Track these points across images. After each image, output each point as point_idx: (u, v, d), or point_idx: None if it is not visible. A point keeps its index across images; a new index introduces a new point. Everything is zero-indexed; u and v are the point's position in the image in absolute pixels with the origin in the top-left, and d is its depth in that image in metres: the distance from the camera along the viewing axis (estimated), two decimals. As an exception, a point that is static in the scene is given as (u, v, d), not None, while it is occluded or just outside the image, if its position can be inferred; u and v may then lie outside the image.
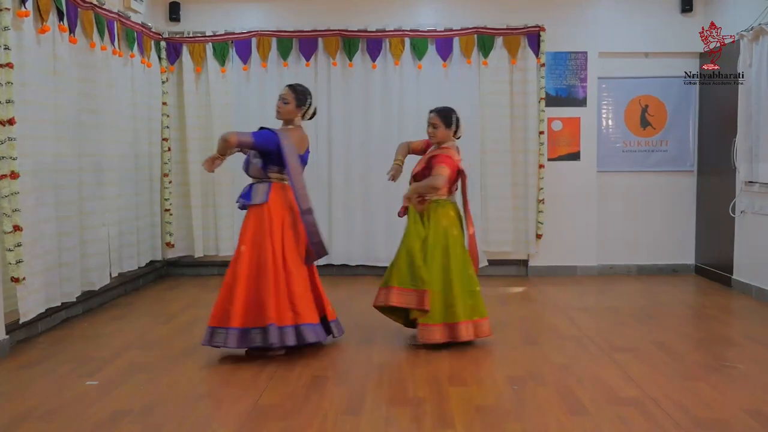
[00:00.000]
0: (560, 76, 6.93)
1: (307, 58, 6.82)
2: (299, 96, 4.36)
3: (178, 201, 7.00)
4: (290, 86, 4.42)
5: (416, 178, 4.47)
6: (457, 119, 4.45)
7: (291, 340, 4.07)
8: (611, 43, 6.91)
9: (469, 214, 4.52)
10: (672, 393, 3.57)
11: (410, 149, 4.74)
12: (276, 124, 4.43)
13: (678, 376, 3.89)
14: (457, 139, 4.55)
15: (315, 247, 4.24)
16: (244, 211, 4.31)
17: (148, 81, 6.53)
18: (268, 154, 4.23)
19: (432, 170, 4.34)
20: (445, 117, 4.44)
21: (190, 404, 3.49)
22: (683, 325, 5.23)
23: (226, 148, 4.21)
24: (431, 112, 4.50)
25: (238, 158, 4.67)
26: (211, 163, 4.31)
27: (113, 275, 5.76)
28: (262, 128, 4.33)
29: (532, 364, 4.11)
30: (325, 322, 4.37)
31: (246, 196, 4.29)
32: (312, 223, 4.22)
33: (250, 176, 4.37)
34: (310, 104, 4.41)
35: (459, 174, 4.46)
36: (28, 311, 4.39)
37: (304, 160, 4.40)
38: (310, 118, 4.48)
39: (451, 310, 4.28)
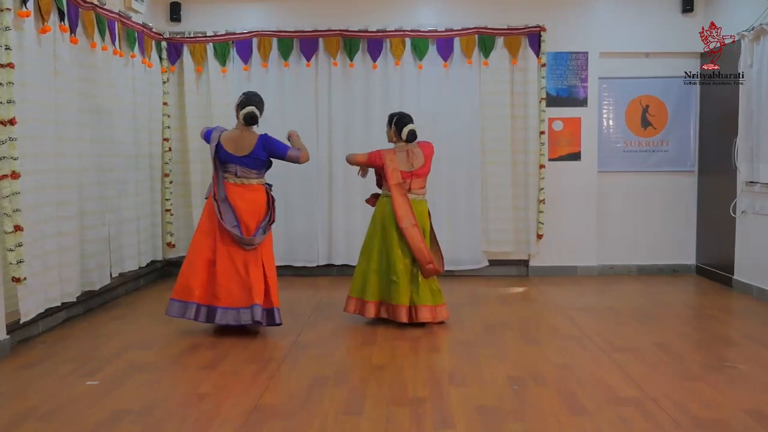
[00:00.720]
0: (561, 76, 6.93)
1: (308, 59, 6.82)
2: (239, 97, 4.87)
3: (179, 201, 7.00)
4: None
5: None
6: (395, 122, 5.02)
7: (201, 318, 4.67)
8: (612, 43, 6.91)
9: (395, 210, 4.86)
10: (672, 393, 3.57)
11: None
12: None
13: (678, 376, 3.89)
14: (405, 141, 4.98)
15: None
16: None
17: (149, 81, 6.53)
18: None
19: None
20: (389, 119, 5.12)
21: (191, 404, 3.49)
22: (683, 326, 5.23)
23: None
24: None
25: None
26: None
27: (114, 275, 5.76)
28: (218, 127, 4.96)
29: (532, 364, 4.11)
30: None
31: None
32: (220, 210, 4.69)
33: None
34: (239, 104, 4.74)
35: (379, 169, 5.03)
36: (28, 311, 4.39)
37: (242, 161, 4.71)
38: (246, 123, 4.72)
39: (365, 289, 4.94)
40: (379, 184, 5.15)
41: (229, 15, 6.94)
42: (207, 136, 4.82)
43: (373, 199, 5.18)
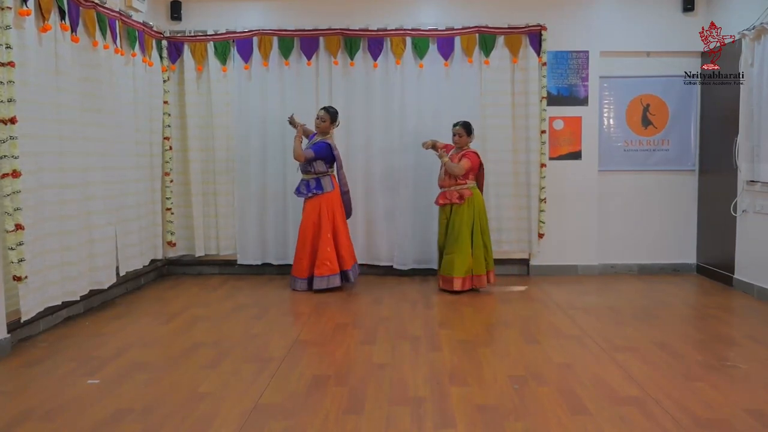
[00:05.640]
0: (562, 76, 6.93)
1: (309, 57, 6.82)
2: (332, 116, 6.21)
3: (180, 200, 7.00)
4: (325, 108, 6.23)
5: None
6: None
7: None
8: (613, 42, 6.91)
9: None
10: (673, 393, 3.57)
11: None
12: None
13: (679, 375, 3.88)
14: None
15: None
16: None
17: (150, 80, 6.53)
18: None
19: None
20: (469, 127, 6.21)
21: (192, 403, 3.49)
22: (684, 325, 5.23)
23: None
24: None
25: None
26: None
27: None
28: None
29: (533, 364, 4.11)
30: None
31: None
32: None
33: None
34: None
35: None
36: (29, 310, 4.40)
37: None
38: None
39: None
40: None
41: (230, 14, 6.94)
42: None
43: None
